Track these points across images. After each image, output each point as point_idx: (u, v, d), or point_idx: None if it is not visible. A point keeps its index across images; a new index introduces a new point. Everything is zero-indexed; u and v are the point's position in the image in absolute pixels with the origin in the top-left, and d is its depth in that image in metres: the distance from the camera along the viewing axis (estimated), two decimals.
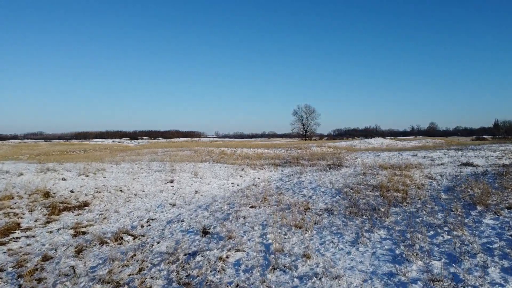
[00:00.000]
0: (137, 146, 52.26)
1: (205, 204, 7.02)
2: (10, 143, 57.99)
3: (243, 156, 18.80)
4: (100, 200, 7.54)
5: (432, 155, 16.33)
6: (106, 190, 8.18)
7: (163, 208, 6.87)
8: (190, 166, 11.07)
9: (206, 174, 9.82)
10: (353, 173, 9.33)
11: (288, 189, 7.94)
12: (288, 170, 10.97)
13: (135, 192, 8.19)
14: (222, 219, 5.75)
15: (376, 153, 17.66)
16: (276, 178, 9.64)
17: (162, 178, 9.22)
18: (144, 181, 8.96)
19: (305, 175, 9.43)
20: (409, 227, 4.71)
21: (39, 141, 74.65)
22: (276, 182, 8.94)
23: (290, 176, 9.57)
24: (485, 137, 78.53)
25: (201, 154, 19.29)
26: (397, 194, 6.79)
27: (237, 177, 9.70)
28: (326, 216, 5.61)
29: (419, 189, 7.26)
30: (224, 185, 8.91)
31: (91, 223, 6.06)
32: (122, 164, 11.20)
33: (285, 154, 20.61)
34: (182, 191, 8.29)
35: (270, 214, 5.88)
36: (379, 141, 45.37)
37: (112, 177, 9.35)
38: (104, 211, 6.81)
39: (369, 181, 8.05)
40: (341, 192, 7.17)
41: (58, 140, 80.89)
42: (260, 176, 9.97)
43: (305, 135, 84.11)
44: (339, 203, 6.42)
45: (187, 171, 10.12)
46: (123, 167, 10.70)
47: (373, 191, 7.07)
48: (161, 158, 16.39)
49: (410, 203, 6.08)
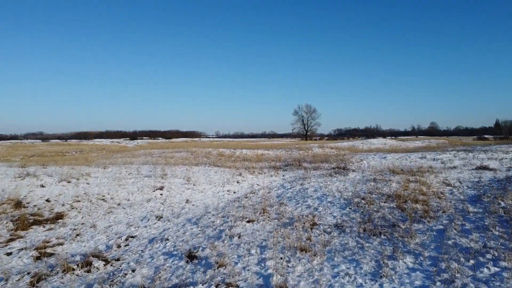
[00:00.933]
0: (135, 146, 51.39)
1: (195, 217, 6.13)
2: (6, 144, 57.09)
3: (242, 158, 17.92)
4: (78, 211, 6.66)
5: (442, 157, 15.42)
6: (86, 199, 7.31)
7: (147, 222, 5.99)
8: (183, 170, 10.19)
9: (199, 180, 8.94)
10: (362, 179, 8.44)
11: (290, 198, 7.05)
12: (289, 175, 10.08)
13: (119, 201, 7.31)
14: (213, 238, 4.87)
15: (382, 155, 16.76)
16: (276, 184, 8.75)
17: (151, 185, 8.34)
18: (130, 188, 8.09)
19: (309, 181, 8.54)
20: (441, 253, 3.83)
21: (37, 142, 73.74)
22: (276, 190, 8.05)
23: (292, 182, 8.68)
24: (486, 137, 77.76)
25: (198, 156, 18.41)
26: (416, 205, 5.90)
27: (233, 183, 8.81)
28: (337, 235, 4.73)
29: (439, 199, 6.37)
30: (219, 192, 8.02)
31: (61, 241, 5.18)
32: (109, 168, 10.33)
33: (286, 156, 19.72)
34: (171, 200, 7.41)
35: (270, 231, 5.00)
36: (382, 142, 44.45)
37: (96, 183, 8.48)
38: (80, 225, 5.94)
39: (382, 189, 7.17)
40: (351, 202, 6.29)
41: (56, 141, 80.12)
42: (259, 182, 9.08)
43: (305, 135, 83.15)
44: (350, 216, 5.53)
45: (179, 176, 9.24)
46: (110, 172, 9.83)
47: (388, 202, 6.18)
48: (155, 160, 15.52)
49: (434, 218, 5.19)
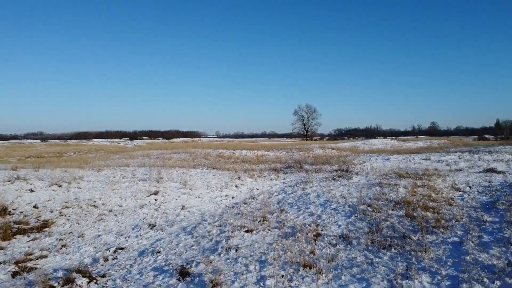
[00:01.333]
0: (134, 147, 51.01)
1: (190, 225, 5.75)
2: (4, 144, 56.69)
3: (241, 159, 17.53)
4: (67, 219, 6.28)
5: (447, 159, 15.04)
6: (76, 204, 6.93)
7: (139, 231, 5.61)
8: (180, 173, 9.80)
9: (196, 184, 8.55)
10: (366, 183, 8.05)
11: (291, 205, 6.67)
12: (290, 179, 9.69)
13: (111, 207, 6.93)
14: (208, 251, 4.49)
15: (385, 157, 16.37)
16: (277, 188, 8.36)
17: (145, 189, 7.96)
18: (123, 193, 7.71)
19: (311, 186, 8.16)
20: (460, 271, 3.45)
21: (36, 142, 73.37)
22: (277, 195, 7.67)
23: (294, 187, 8.30)
24: (487, 137, 77.38)
25: (196, 157, 18.03)
26: (427, 213, 5.52)
27: (232, 188, 8.42)
28: (343, 247, 4.35)
29: (450, 206, 5.99)
30: (216, 198, 7.63)
31: (45, 253, 4.80)
32: (104, 171, 9.95)
33: (286, 157, 19.34)
34: (166, 206, 7.02)
35: (271, 243, 4.62)
36: (383, 142, 44.06)
37: (88, 188, 8.10)
38: (67, 234, 5.56)
39: (389, 194, 6.78)
40: (356, 210, 5.90)
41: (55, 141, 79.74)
42: (259, 186, 8.69)
43: (306, 135, 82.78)
44: (356, 226, 5.15)
45: (176, 180, 8.85)
46: (104, 175, 9.45)
47: (396, 209, 5.80)
48: (152, 162, 15.14)
49: (447, 228, 4.81)
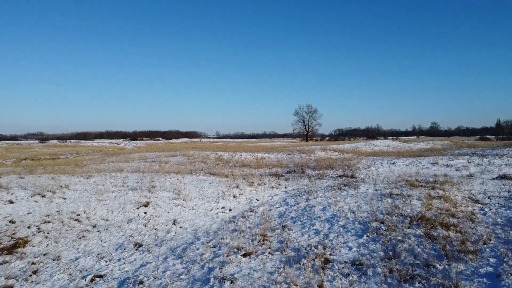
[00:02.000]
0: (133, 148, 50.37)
1: (181, 246, 5.11)
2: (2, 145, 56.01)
3: (241, 163, 16.89)
4: (45, 236, 5.64)
5: (455, 163, 14.39)
6: (58, 219, 6.29)
7: (122, 252, 4.97)
8: (175, 181, 9.15)
9: (191, 194, 7.90)
10: (376, 194, 7.40)
11: (294, 220, 6.02)
12: (292, 187, 9.03)
13: (95, 221, 6.29)
14: (199, 282, 3.85)
15: (390, 160, 15.73)
16: (278, 199, 7.71)
17: (135, 200, 7.32)
18: (111, 205, 7.06)
19: (315, 196, 7.51)
20: None
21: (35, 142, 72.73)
22: (278, 207, 7.02)
23: (296, 197, 7.65)
24: (488, 137, 77.28)
25: (194, 161, 17.39)
26: (448, 232, 4.87)
27: (229, 198, 7.77)
28: (357, 278, 3.70)
29: (473, 223, 5.34)
30: (212, 210, 6.98)
31: (11, 282, 4.16)
32: (93, 179, 9.31)
33: (287, 160, 18.70)
34: (156, 220, 6.38)
35: (272, 271, 3.98)
36: (385, 144, 43.45)
37: (73, 198, 7.46)
38: (41, 256, 4.92)
39: (402, 208, 6.13)
40: (368, 227, 5.25)
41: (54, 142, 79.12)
42: (259, 197, 8.04)
43: (306, 136, 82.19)
44: (370, 248, 4.50)
45: (169, 189, 8.20)
46: (92, 183, 8.81)
47: (414, 227, 5.15)
48: (148, 166, 14.50)
49: (475, 253, 4.16)
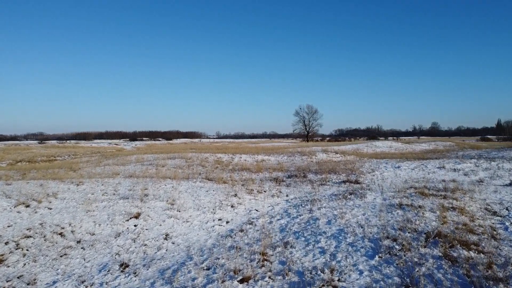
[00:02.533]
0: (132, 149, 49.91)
1: (172, 267, 4.59)
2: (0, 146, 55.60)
3: (240, 166, 16.38)
4: (23, 254, 5.14)
5: (463, 168, 13.86)
6: (40, 233, 5.78)
7: (106, 275, 4.46)
8: (169, 188, 8.63)
9: (186, 203, 7.39)
10: (384, 204, 6.88)
11: (297, 235, 5.50)
12: (294, 195, 8.52)
13: (81, 236, 5.78)
14: None
15: (395, 164, 15.21)
16: (279, 209, 7.20)
17: (125, 211, 6.81)
18: (99, 216, 6.55)
19: (319, 206, 6.99)
20: None
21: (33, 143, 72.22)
22: (279, 218, 6.50)
23: (299, 207, 7.13)
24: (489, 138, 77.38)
25: (192, 164, 16.88)
26: (470, 253, 4.35)
27: (227, 208, 7.25)
28: None
29: (496, 241, 4.82)
30: (208, 222, 6.47)
31: None
32: (83, 185, 8.80)
33: (288, 163, 18.20)
34: (147, 234, 5.86)
35: None
36: (387, 145, 42.95)
37: (59, 209, 6.95)
38: (15, 280, 4.41)
39: (415, 222, 5.61)
40: (380, 246, 4.73)
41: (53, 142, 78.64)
42: (259, 206, 7.52)
43: (307, 136, 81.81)
44: (383, 272, 3.98)
45: (162, 198, 7.69)
46: (82, 190, 8.30)
47: (430, 246, 4.63)
48: (144, 170, 14.00)
49: (506, 281, 3.64)
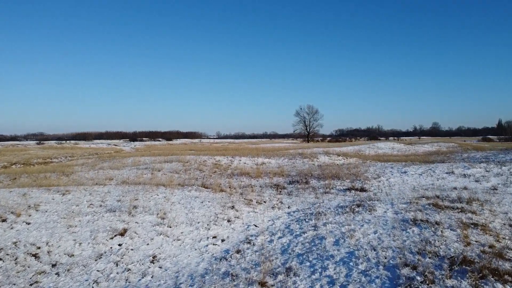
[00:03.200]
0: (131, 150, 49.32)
1: None
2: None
3: (239, 170, 15.76)
4: None
5: (473, 173, 13.21)
6: (12, 254, 5.15)
7: None
8: (161, 198, 7.99)
9: (178, 218, 6.74)
10: (396, 219, 6.23)
11: (301, 258, 4.85)
12: (297, 206, 7.87)
13: (57, 258, 5.14)
14: None
15: (401, 168, 14.56)
16: (280, 224, 6.55)
17: (111, 227, 6.17)
18: (81, 233, 5.92)
19: (325, 221, 6.34)
20: None
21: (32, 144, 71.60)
22: (281, 236, 5.86)
23: (302, 222, 6.48)
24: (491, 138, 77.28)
25: (190, 168, 16.25)
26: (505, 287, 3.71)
27: (223, 223, 6.60)
28: None
29: None
30: (201, 240, 5.82)
31: None
32: (69, 195, 8.17)
33: (289, 167, 17.57)
34: (132, 256, 5.22)
35: None
36: (389, 146, 42.34)
37: (39, 223, 6.32)
38: None
39: (435, 243, 4.96)
40: (398, 276, 4.08)
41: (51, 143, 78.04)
42: (258, 220, 6.87)
43: (307, 136, 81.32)
44: None
45: (153, 210, 7.05)
46: (67, 201, 7.67)
47: (455, 276, 3.98)
48: (138, 175, 13.38)
49: None
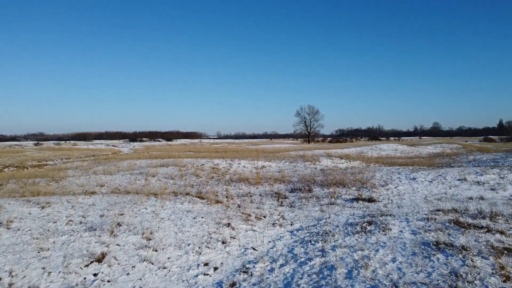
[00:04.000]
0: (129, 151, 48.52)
1: None
2: None
3: (238, 175, 14.98)
4: None
5: (487, 180, 12.39)
6: None
7: None
8: (149, 213, 7.19)
9: (166, 239, 5.93)
10: (416, 242, 5.42)
11: None
12: (300, 223, 7.05)
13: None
14: None
15: (409, 174, 13.75)
16: (282, 247, 5.74)
17: (88, 250, 5.37)
18: (52, 259, 5.12)
19: (333, 244, 5.53)
20: None
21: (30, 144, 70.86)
22: (283, 264, 5.06)
23: (307, 245, 5.67)
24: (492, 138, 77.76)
25: (186, 173, 15.47)
26: None
27: (217, 245, 5.79)
28: None
29: None
30: (190, 269, 5.02)
31: None
32: (48, 209, 7.39)
33: (290, 171, 16.79)
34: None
35: None
36: (392, 148, 41.55)
37: (6, 246, 5.53)
38: None
39: (467, 277, 4.15)
40: None
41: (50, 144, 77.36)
42: (257, 242, 6.05)
43: (308, 137, 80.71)
44: None
45: (138, 229, 6.24)
46: (45, 217, 6.88)
47: None
48: (132, 182, 12.61)
49: None
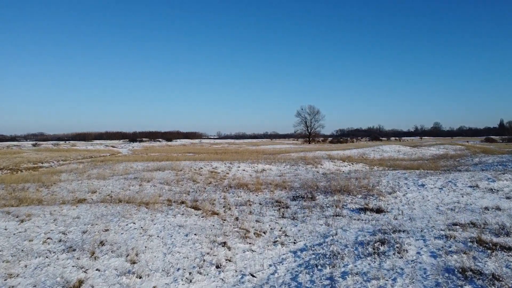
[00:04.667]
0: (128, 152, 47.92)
1: None
2: None
3: (237, 180, 14.33)
4: None
5: (501, 187, 11.69)
6: None
7: None
8: (137, 230, 6.50)
9: (153, 261, 5.26)
10: (438, 268, 4.74)
11: None
12: (304, 241, 6.36)
13: None
14: None
15: (417, 180, 13.06)
16: (284, 274, 5.04)
17: (63, 277, 4.70)
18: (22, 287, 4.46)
19: (343, 270, 4.85)
20: None
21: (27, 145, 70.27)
22: None
23: (313, 270, 4.99)
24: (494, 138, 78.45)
25: (183, 178, 14.80)
26: None
27: (210, 271, 5.10)
28: None
29: None
30: None
31: None
32: (28, 223, 6.72)
33: (292, 176, 16.14)
34: None
35: None
36: (394, 149, 40.88)
37: None
38: None
39: None
40: None
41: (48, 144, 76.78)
42: (256, 266, 5.36)
43: (309, 137, 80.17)
44: None
45: (122, 250, 5.55)
46: (22, 233, 6.21)
47: None
48: (124, 189, 11.97)
49: None
